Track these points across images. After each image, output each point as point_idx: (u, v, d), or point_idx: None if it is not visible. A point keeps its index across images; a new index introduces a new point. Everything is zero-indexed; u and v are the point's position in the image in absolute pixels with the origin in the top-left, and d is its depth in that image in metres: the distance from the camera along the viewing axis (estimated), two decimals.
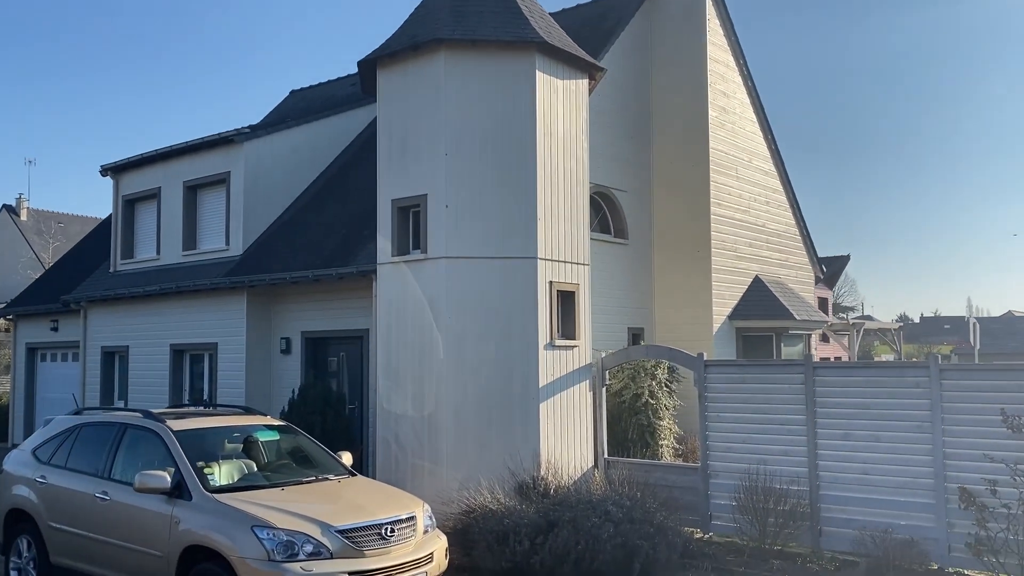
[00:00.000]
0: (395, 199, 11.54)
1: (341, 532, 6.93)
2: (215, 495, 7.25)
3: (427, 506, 8.07)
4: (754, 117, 17.55)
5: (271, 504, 7.11)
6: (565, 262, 11.56)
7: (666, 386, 13.85)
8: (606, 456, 12.03)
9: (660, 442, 13.49)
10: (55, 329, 19.77)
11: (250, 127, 15.79)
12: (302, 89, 22.79)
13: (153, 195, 17.37)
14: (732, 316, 16.22)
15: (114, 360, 17.70)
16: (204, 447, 8.00)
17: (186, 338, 15.95)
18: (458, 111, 11.07)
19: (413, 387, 11.15)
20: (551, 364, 11.21)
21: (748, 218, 17.06)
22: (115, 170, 18.04)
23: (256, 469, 8.21)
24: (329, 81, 22.04)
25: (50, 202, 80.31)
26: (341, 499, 7.68)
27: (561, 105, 11.65)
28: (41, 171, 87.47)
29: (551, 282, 11.27)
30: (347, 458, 8.82)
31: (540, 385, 10.97)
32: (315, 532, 6.83)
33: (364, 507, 7.43)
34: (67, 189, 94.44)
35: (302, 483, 7.95)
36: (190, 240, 16.58)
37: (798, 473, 10.11)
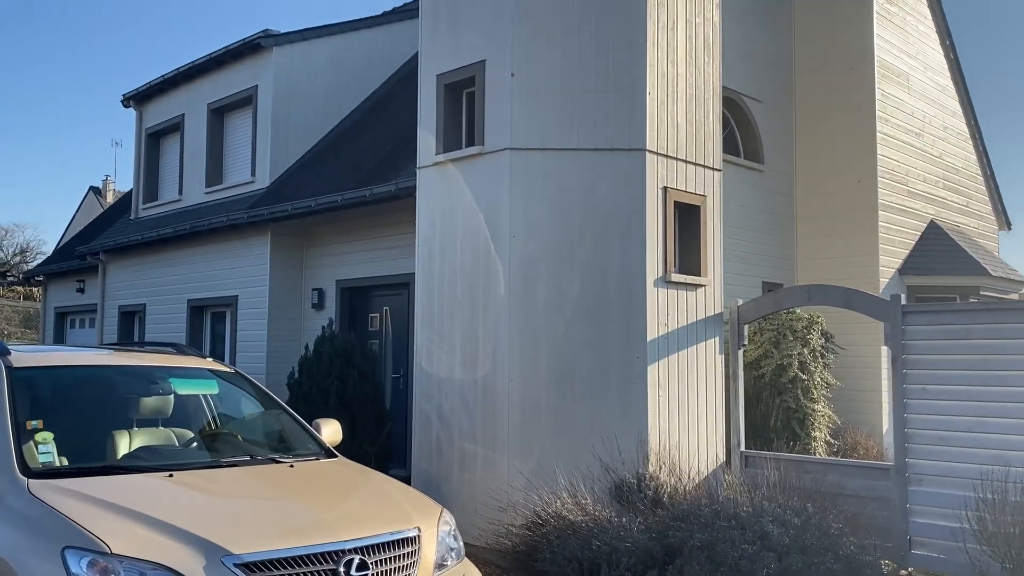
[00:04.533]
0: (442, 73, 8.11)
1: (247, 566, 3.48)
2: (34, 482, 3.89)
3: (448, 516, 4.54)
4: (927, 12, 13.38)
5: (129, 505, 3.71)
6: (687, 162, 7.90)
7: (820, 356, 10.03)
8: (743, 449, 8.29)
9: (812, 433, 9.69)
10: (81, 291, 17.24)
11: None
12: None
13: (177, 126, 14.55)
14: (903, 270, 12.16)
15: (133, 321, 14.95)
16: (75, 399, 4.67)
17: (205, 292, 13.01)
18: None
19: (462, 339, 7.70)
20: (665, 309, 7.57)
21: (922, 145, 12.92)
22: (137, 99, 15.30)
23: (181, 442, 4.91)
24: (395, 9, 18.84)
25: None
26: (279, 499, 4.26)
27: None
28: (128, 152, 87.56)
29: (665, 189, 7.63)
30: (329, 430, 5.26)
31: (648, 339, 7.36)
32: (190, 566, 3.37)
33: (316, 517, 3.98)
34: None
35: (220, 466, 4.45)
36: (215, 174, 13.63)
37: None
